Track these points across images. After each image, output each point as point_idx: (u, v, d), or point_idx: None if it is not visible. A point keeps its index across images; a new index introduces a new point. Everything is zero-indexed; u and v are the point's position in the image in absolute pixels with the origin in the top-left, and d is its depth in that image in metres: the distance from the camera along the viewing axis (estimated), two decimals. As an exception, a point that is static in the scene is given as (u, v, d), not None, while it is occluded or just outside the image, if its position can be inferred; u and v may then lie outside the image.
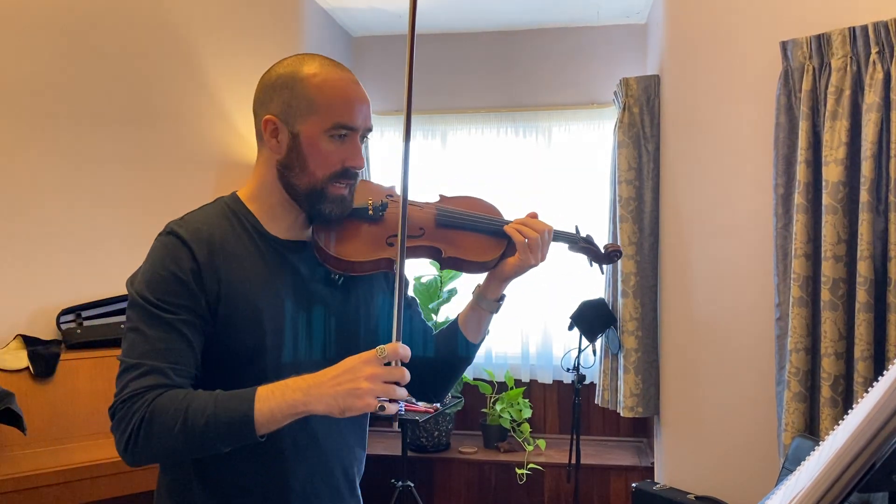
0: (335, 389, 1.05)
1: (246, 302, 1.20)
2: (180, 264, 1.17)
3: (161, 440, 1.08)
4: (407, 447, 3.59)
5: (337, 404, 1.05)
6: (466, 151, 4.36)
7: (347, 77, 1.24)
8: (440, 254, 1.36)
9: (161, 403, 1.08)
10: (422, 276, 4.06)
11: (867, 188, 2.16)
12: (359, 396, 1.04)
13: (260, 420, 1.06)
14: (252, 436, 1.06)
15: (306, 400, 1.06)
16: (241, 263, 1.22)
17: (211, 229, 1.22)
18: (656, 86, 3.63)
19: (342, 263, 1.27)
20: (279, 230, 1.28)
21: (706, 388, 3.09)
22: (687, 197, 3.27)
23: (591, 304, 3.59)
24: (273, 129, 1.23)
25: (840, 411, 2.26)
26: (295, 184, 1.23)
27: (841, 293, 2.25)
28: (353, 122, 1.22)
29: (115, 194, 2.64)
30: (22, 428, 2.09)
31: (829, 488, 0.82)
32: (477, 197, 1.47)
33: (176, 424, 1.07)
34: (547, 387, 4.29)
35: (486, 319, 1.44)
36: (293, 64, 1.24)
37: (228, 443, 1.08)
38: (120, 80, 2.69)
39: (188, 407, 1.08)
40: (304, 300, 1.27)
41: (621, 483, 3.78)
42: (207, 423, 1.06)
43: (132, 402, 1.09)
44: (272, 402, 1.06)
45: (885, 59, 2.15)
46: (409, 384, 1.44)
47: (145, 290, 1.16)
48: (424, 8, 3.99)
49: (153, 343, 1.13)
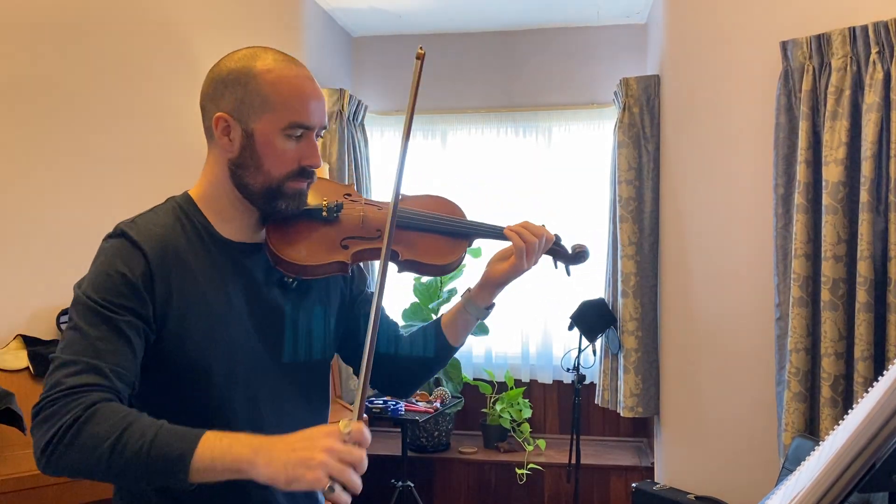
0: (287, 455, 0.96)
1: (198, 309, 1.15)
2: (132, 267, 1.11)
3: (85, 451, 0.98)
4: (407, 447, 3.59)
5: (285, 472, 0.95)
6: (466, 151, 4.36)
7: (303, 73, 1.19)
8: (397, 256, 1.30)
9: (101, 411, 1.00)
10: (421, 276, 4.06)
11: (867, 188, 2.16)
12: (310, 468, 0.94)
13: (197, 465, 0.96)
14: (184, 479, 0.96)
15: (252, 458, 0.96)
16: (192, 268, 1.17)
17: (163, 231, 1.17)
18: (656, 86, 3.63)
19: (293, 267, 1.22)
20: (232, 232, 1.23)
21: (706, 388, 3.09)
22: (687, 197, 3.27)
23: (591, 304, 3.59)
24: (225, 127, 1.17)
25: (840, 411, 2.26)
26: (249, 183, 1.19)
27: (841, 293, 2.25)
28: (309, 121, 1.18)
29: (115, 194, 2.64)
30: (22, 428, 2.09)
31: (829, 488, 0.82)
32: (440, 196, 1.41)
33: (109, 439, 0.97)
34: (547, 387, 4.29)
35: (471, 326, 1.39)
36: (245, 58, 1.18)
37: (155, 478, 0.98)
38: (120, 80, 2.69)
39: (129, 425, 0.98)
40: (257, 305, 1.22)
41: (621, 483, 3.78)
42: (140, 450, 0.97)
43: (67, 400, 1.00)
44: (216, 451, 0.97)
45: (885, 59, 2.15)
46: (375, 379, 1.41)
47: (90, 289, 1.10)
48: (424, 8, 3.99)
49: (93, 342, 1.05)
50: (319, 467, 0.94)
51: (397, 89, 4.43)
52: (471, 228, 1.36)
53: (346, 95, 3.79)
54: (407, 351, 1.40)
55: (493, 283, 1.37)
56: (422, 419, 3.58)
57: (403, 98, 4.45)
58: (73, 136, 2.53)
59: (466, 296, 1.39)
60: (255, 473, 0.96)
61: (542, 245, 1.35)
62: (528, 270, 1.36)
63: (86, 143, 2.57)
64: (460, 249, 1.34)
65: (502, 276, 1.35)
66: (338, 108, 3.77)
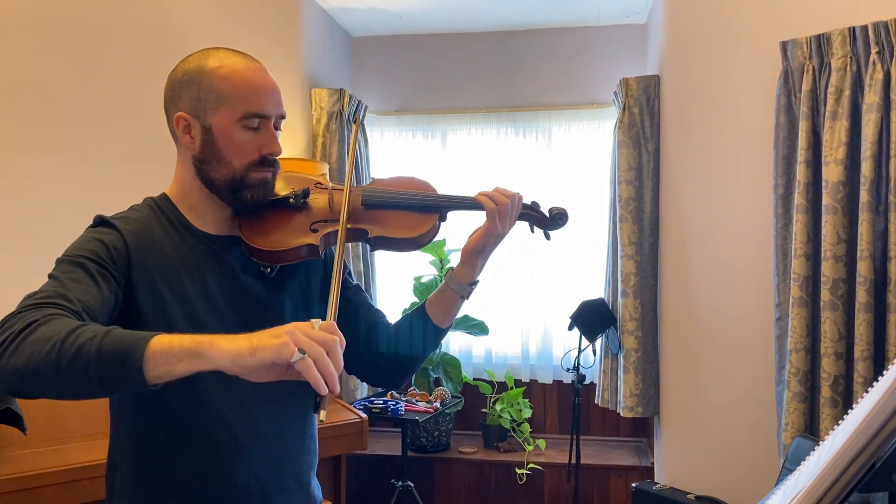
0: (252, 334, 0.90)
1: (175, 293, 1.18)
2: (111, 240, 1.15)
3: (36, 347, 0.91)
4: (407, 447, 3.59)
5: (248, 343, 0.88)
6: (466, 151, 4.36)
7: (254, 66, 1.23)
8: (366, 234, 1.32)
9: (59, 317, 0.95)
10: (422, 276, 4.06)
11: (867, 188, 2.16)
12: (277, 336, 0.89)
13: (154, 348, 0.88)
14: (138, 367, 0.88)
15: (213, 340, 0.89)
16: (169, 255, 1.20)
17: (141, 222, 1.21)
18: (656, 86, 3.63)
19: (266, 254, 1.25)
20: (209, 226, 1.27)
21: (706, 388, 3.09)
22: (687, 197, 3.27)
23: (591, 304, 3.60)
24: (185, 126, 1.22)
25: (840, 411, 2.26)
26: (213, 178, 1.22)
27: (841, 293, 2.25)
28: (263, 110, 1.20)
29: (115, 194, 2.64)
30: (22, 428, 2.09)
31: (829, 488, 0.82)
32: (410, 176, 1.42)
33: (61, 333, 0.91)
34: (547, 387, 4.29)
35: (455, 305, 1.38)
36: (198, 58, 1.23)
37: (108, 371, 0.88)
38: (120, 80, 2.69)
39: (85, 325, 0.93)
40: (235, 295, 1.24)
41: (621, 483, 3.78)
42: (93, 338, 0.90)
43: (28, 311, 0.97)
44: (174, 339, 0.90)
45: (885, 59, 2.15)
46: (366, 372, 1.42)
47: (67, 252, 1.12)
48: (424, 8, 3.99)
49: (62, 280, 1.05)
50: (287, 334, 0.89)
51: (397, 89, 4.43)
52: (441, 201, 1.36)
53: (346, 95, 3.79)
54: (392, 340, 1.40)
55: (472, 253, 1.36)
56: (422, 419, 3.58)
57: (403, 98, 4.45)
58: (73, 135, 2.53)
59: (449, 273, 1.39)
60: (215, 352, 0.88)
61: (514, 205, 1.35)
62: (503, 234, 1.35)
63: (86, 142, 2.57)
64: (430, 222, 1.34)
65: (477, 242, 1.35)
66: (338, 108, 3.77)
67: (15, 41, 2.33)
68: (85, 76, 2.57)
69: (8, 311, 1.01)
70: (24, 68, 2.36)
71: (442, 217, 1.36)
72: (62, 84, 2.49)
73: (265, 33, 3.46)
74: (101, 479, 2.21)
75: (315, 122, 3.81)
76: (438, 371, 4.04)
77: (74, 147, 2.54)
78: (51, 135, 2.46)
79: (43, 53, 2.42)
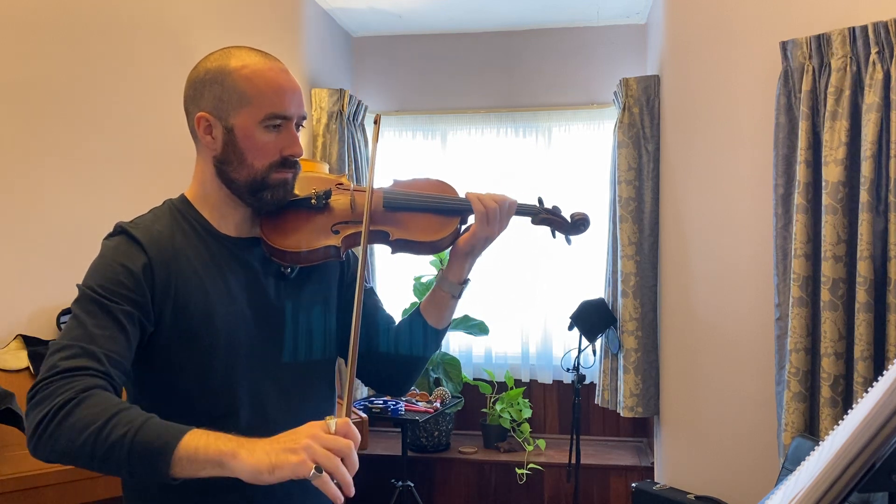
0: (270, 445, 0.96)
1: (198, 299, 1.18)
2: (132, 259, 1.15)
3: (73, 433, 0.98)
4: (407, 447, 3.59)
5: (268, 458, 0.94)
6: (466, 151, 4.36)
7: (277, 66, 1.22)
8: (388, 237, 1.31)
9: (94, 396, 1.01)
10: (422, 276, 4.06)
11: (867, 188, 2.16)
12: (294, 452, 0.94)
13: (180, 455, 0.95)
14: (165, 469, 0.95)
15: (235, 450, 0.95)
16: (192, 262, 1.20)
17: (162, 229, 1.21)
18: (656, 86, 3.63)
19: (287, 255, 1.25)
20: (229, 228, 1.27)
21: (706, 388, 3.09)
22: (687, 197, 3.27)
23: (591, 304, 3.59)
24: (206, 126, 1.21)
25: (840, 411, 2.26)
26: (234, 178, 1.22)
27: (841, 293, 2.25)
28: (286, 111, 1.20)
29: (115, 194, 2.64)
30: (22, 428, 2.09)
31: (829, 488, 0.82)
32: (432, 178, 1.42)
33: (97, 423, 0.98)
34: (547, 387, 4.29)
35: (449, 305, 1.38)
36: (220, 58, 1.22)
37: (137, 467, 0.97)
38: (120, 80, 2.69)
39: (119, 412, 0.99)
40: (257, 297, 1.25)
41: (621, 483, 3.78)
42: (125, 436, 0.97)
43: (62, 383, 1.01)
44: (199, 443, 0.96)
45: (885, 59, 2.15)
46: (370, 376, 1.42)
47: (90, 280, 1.13)
48: (424, 8, 3.99)
49: (89, 329, 1.08)
50: (303, 450, 0.93)
51: (397, 89, 4.43)
52: (462, 204, 1.36)
53: (346, 95, 3.79)
54: (393, 344, 1.41)
55: (460, 254, 1.36)
56: (422, 419, 3.58)
57: (403, 98, 4.45)
58: (73, 135, 2.53)
59: (440, 274, 1.39)
60: (237, 464, 0.95)
61: (504, 210, 1.35)
62: (492, 238, 1.35)
63: (86, 142, 2.57)
64: (451, 225, 1.34)
65: (466, 243, 1.35)
66: (338, 108, 3.77)
67: (15, 41, 2.33)
68: (85, 76, 2.57)
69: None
70: (24, 68, 2.36)
71: (463, 220, 1.36)
72: (62, 84, 2.49)
73: (265, 33, 3.46)
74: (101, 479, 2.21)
75: (315, 123, 3.81)
76: (438, 371, 4.04)
77: (74, 147, 2.54)
78: (51, 135, 2.46)
79: (43, 53, 2.42)
